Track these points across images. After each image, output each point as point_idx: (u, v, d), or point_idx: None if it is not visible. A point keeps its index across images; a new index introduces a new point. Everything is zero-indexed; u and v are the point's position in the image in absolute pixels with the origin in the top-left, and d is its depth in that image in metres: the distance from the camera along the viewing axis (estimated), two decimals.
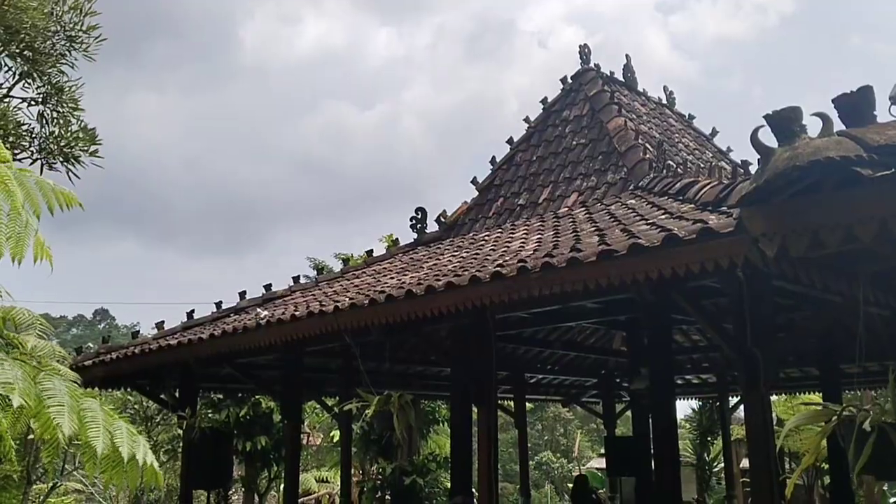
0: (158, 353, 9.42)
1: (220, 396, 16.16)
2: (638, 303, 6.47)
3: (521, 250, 7.03)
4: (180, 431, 10.53)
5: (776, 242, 3.42)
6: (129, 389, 12.16)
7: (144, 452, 3.89)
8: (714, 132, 13.49)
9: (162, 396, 11.65)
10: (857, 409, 2.73)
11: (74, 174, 9.08)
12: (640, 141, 9.82)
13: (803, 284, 4.62)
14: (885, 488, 19.45)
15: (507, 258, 6.51)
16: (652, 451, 9.54)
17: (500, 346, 12.08)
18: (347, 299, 7.15)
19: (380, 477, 17.49)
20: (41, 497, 14.24)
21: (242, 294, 10.78)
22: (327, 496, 22.65)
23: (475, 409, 8.44)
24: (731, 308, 5.71)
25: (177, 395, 11.04)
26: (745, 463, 19.75)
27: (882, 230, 3.17)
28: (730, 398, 14.77)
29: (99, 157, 9.18)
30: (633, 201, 8.14)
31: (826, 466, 13.26)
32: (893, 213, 3.16)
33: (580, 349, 13.59)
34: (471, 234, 10.69)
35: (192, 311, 10.89)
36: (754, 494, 5.18)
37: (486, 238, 9.52)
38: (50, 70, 9.49)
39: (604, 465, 16.75)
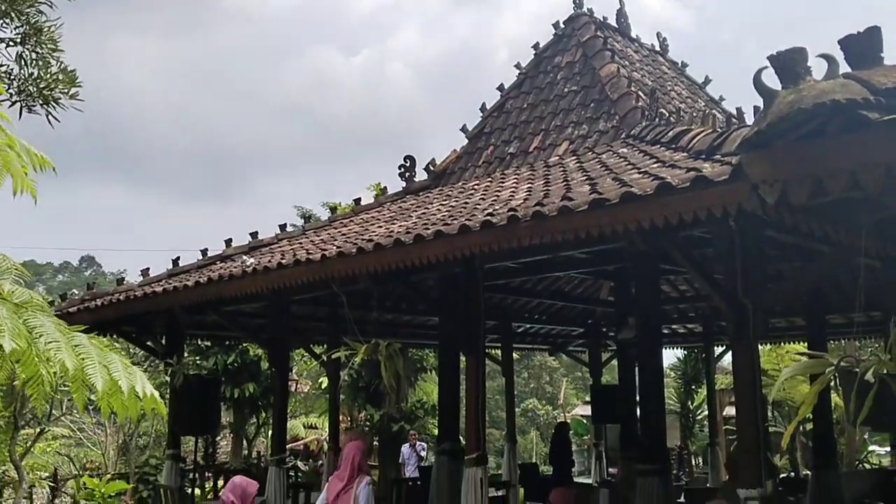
0: (143, 299, 9.34)
1: (208, 343, 16.16)
2: (627, 252, 6.42)
3: (511, 199, 6.94)
4: (167, 378, 10.52)
5: (777, 189, 3.33)
6: (114, 336, 12.08)
7: (143, 383, 3.84)
8: (707, 80, 13.32)
9: (148, 343, 11.62)
10: (857, 361, 2.69)
11: (54, 117, 8.84)
12: (632, 89, 9.67)
13: (799, 234, 4.56)
14: (865, 437, 19.83)
15: (497, 207, 6.43)
16: (637, 399, 9.63)
17: (488, 296, 12.06)
18: (335, 248, 7.07)
19: (368, 423, 17.64)
20: (28, 442, 14.29)
21: (228, 242, 10.67)
22: (316, 442, 22.90)
23: (463, 358, 8.46)
24: (721, 258, 5.67)
25: (163, 342, 11.01)
26: (728, 411, 20.06)
27: (888, 176, 3.08)
28: (715, 348, 14.89)
29: (79, 99, 8.91)
30: (624, 150, 8.04)
31: (809, 415, 13.47)
32: None
33: (568, 299, 13.60)
34: (460, 183, 10.57)
35: (178, 258, 10.80)
36: (741, 442, 5.21)
37: (476, 187, 9.42)
38: (28, 10, 9.18)
39: (589, 413, 16.94)
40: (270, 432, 11.21)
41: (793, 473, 17.26)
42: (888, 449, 19.84)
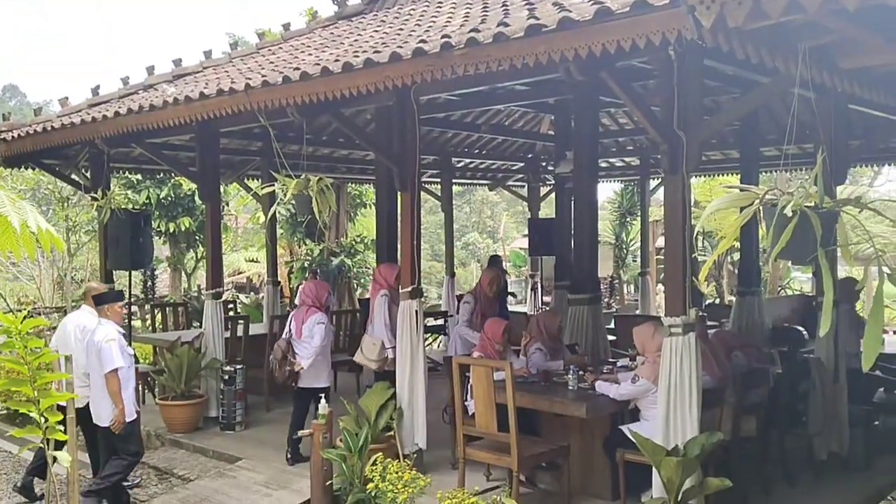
0: (62, 131, 8.87)
1: (139, 177, 15.70)
2: (567, 85, 6.24)
3: (446, 25, 6.59)
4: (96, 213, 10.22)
5: (714, 11, 3.15)
6: (37, 169, 11.59)
7: (35, 219, 3.65)
8: None
9: (73, 177, 11.19)
10: (780, 193, 2.65)
11: None
12: None
13: (737, 63, 4.43)
14: (789, 264, 20.80)
15: (431, 34, 6.10)
16: (572, 231, 9.77)
17: (427, 130, 11.85)
18: (260, 76, 6.70)
19: (308, 257, 17.71)
20: None
21: (150, 69, 10.07)
22: (257, 275, 23.01)
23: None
24: (659, 90, 5.54)
25: (88, 175, 10.60)
26: (660, 241, 20.71)
27: None
28: (651, 180, 15.07)
29: None
30: None
31: (737, 244, 13.96)
32: None
33: (508, 133, 13.46)
34: (395, 8, 10.01)
35: (98, 86, 10.19)
36: (668, 272, 5.32)
37: (412, 12, 8.93)
38: None
39: (526, 245, 17.27)
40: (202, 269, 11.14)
41: (718, 300, 18.16)
42: (810, 276, 20.91)
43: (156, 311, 11.91)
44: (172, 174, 13.68)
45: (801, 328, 10.57)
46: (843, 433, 6.61)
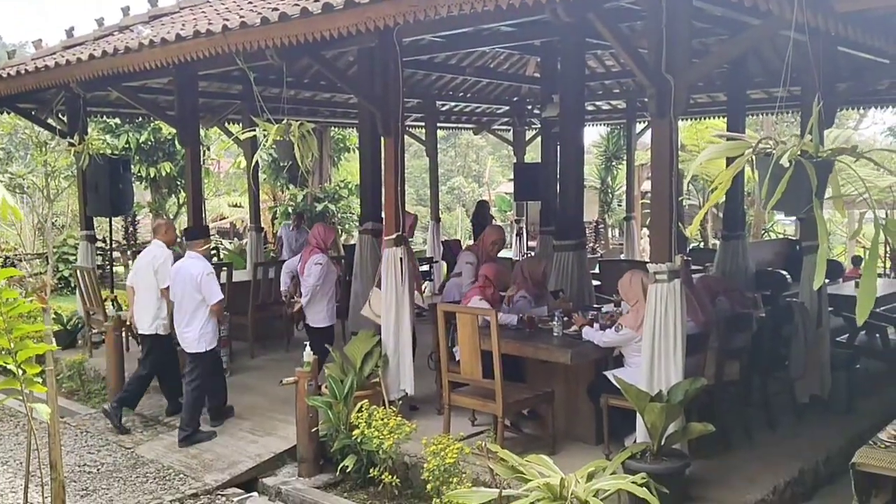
0: (36, 74, 8.63)
1: (118, 122, 15.39)
2: (553, 26, 6.08)
3: None
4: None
5: None
6: (12, 114, 11.33)
7: None
8: None
9: (50, 122, 10.96)
10: (775, 143, 2.57)
11: None
12: None
13: (728, 3, 4.32)
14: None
15: None
16: (558, 176, 9.69)
17: (411, 73, 11.64)
18: (238, 17, 6.49)
19: (292, 203, 17.56)
20: None
21: (126, 10, 9.75)
22: (241, 220, 22.85)
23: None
24: (648, 31, 5.41)
25: (65, 120, 10.38)
26: (645, 185, 20.68)
27: None
28: (637, 124, 14.93)
29: None
30: None
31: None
32: None
33: (493, 76, 13.26)
34: None
35: (72, 28, 9.88)
36: (654, 218, 5.28)
37: None
38: None
39: (512, 190, 17.18)
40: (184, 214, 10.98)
41: (702, 244, 18.22)
42: (793, 219, 20.97)
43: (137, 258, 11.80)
44: (151, 118, 13.43)
45: (784, 272, 10.64)
46: (825, 376, 6.68)
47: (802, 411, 6.56)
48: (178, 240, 8.17)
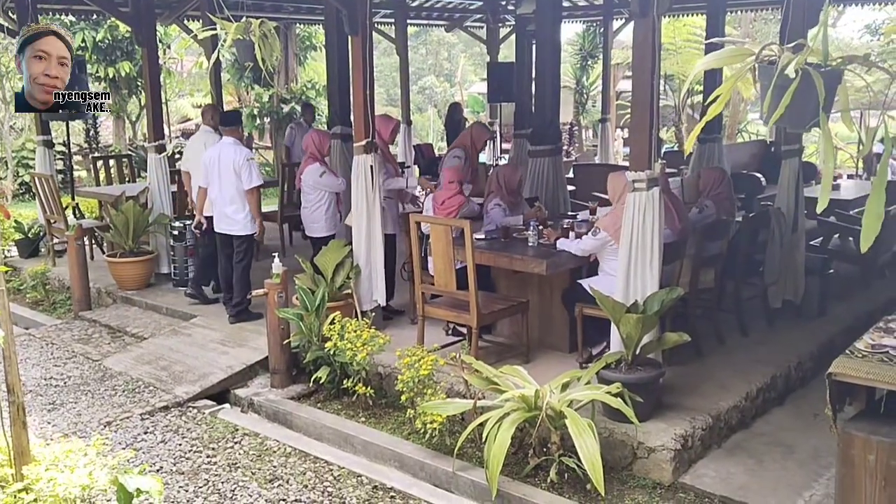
0: None
1: (72, 19, 14.59)
2: None
3: None
4: None
5: None
6: None
7: None
8: None
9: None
10: (780, 51, 2.36)
11: None
12: None
13: None
14: (748, 107, 20.64)
15: None
16: (533, 76, 9.38)
17: None
18: None
19: (257, 104, 17.01)
20: None
21: None
22: None
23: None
24: None
25: (14, 18, 9.75)
26: (621, 85, 20.31)
27: None
28: (614, 21, 14.44)
29: None
30: None
31: (700, 88, 13.69)
32: None
33: None
34: None
35: None
36: (633, 123, 5.09)
37: None
38: None
39: (485, 91, 16.74)
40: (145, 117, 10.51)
41: (677, 146, 18.06)
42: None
43: (99, 164, 11.40)
44: (104, 15, 12.73)
45: (758, 174, 10.56)
46: (798, 281, 6.66)
47: (774, 317, 6.58)
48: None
